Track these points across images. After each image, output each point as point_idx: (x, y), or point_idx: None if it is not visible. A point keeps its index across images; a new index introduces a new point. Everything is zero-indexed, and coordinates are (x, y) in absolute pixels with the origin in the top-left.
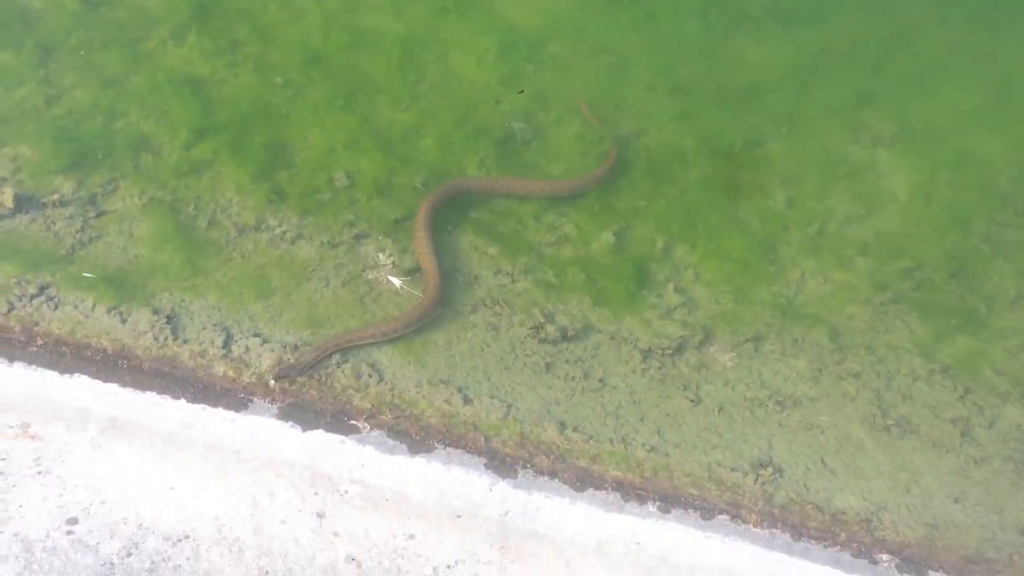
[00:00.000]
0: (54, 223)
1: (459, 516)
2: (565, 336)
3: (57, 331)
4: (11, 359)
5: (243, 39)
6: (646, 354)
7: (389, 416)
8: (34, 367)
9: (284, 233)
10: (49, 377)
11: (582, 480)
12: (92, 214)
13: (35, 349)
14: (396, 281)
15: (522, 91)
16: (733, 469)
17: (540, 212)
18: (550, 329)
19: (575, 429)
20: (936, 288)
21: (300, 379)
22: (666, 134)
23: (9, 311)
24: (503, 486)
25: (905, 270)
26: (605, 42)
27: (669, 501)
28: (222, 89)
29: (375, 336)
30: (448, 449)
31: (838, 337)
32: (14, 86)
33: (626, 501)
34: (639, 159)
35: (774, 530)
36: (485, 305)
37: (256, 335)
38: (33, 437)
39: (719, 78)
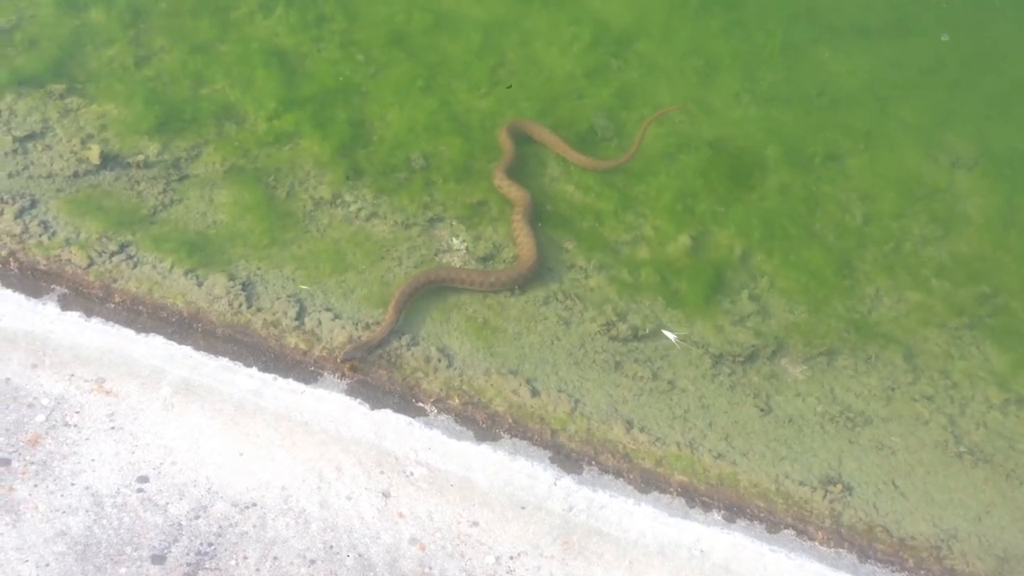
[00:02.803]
0: (138, 183)
1: (523, 507)
2: (636, 335)
3: (134, 290)
4: (89, 314)
5: (329, 14)
6: (717, 359)
7: (457, 401)
8: (111, 323)
9: (359, 210)
10: (125, 334)
11: (647, 482)
12: (175, 177)
13: (112, 306)
14: (672, 336)
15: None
16: (801, 483)
17: (619, 210)
18: (621, 327)
19: (642, 429)
20: (1014, 316)
21: (369, 358)
22: (749, 141)
23: (89, 266)
24: (567, 481)
25: (982, 295)
26: (695, 45)
27: (734, 510)
28: (305, 63)
29: (469, 283)
30: (514, 439)
31: (912, 358)
32: (104, 44)
33: (691, 507)
34: (721, 164)
35: (840, 549)
36: (557, 299)
37: (328, 310)
38: (107, 392)
39: (801, 88)
